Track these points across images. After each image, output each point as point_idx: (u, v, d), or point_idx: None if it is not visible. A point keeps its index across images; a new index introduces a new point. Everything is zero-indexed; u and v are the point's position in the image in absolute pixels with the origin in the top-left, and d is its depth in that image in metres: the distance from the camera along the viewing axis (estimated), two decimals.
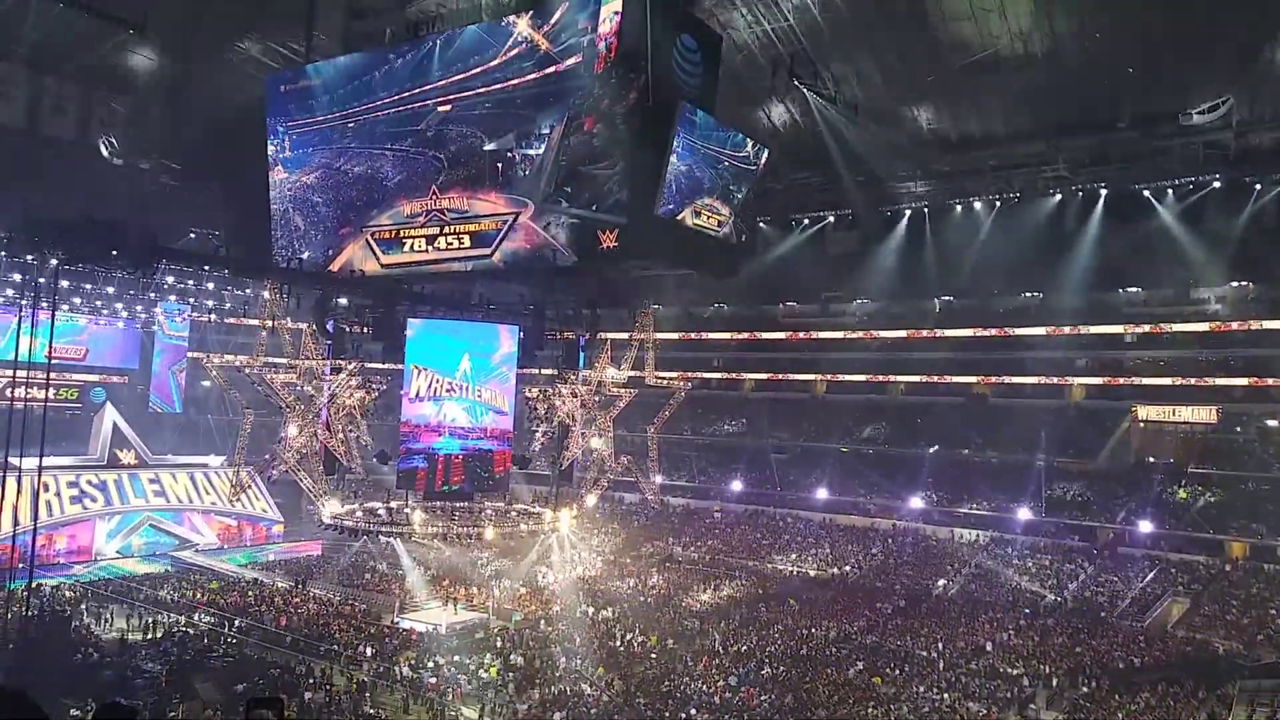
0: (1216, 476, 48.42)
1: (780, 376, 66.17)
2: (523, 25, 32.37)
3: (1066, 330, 54.91)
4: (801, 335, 65.63)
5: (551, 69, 31.76)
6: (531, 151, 32.64)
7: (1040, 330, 56.15)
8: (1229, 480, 48.00)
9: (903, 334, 60.92)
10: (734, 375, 68.18)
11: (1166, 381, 51.97)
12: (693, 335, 68.46)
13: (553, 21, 31.63)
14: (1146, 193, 49.89)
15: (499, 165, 33.54)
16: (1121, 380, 53.78)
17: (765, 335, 67.13)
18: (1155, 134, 45.16)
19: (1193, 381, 51.04)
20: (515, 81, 32.66)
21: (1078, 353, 55.72)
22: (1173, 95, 42.32)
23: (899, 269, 60.73)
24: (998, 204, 54.68)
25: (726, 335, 68.72)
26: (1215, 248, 49.38)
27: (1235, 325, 49.52)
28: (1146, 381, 53.08)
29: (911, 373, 61.12)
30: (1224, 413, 50.36)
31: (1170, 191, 49.36)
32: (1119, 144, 46.73)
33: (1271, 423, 48.95)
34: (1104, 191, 51.00)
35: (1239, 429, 50.04)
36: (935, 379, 60.18)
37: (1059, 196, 52.55)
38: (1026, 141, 48.35)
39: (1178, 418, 52.13)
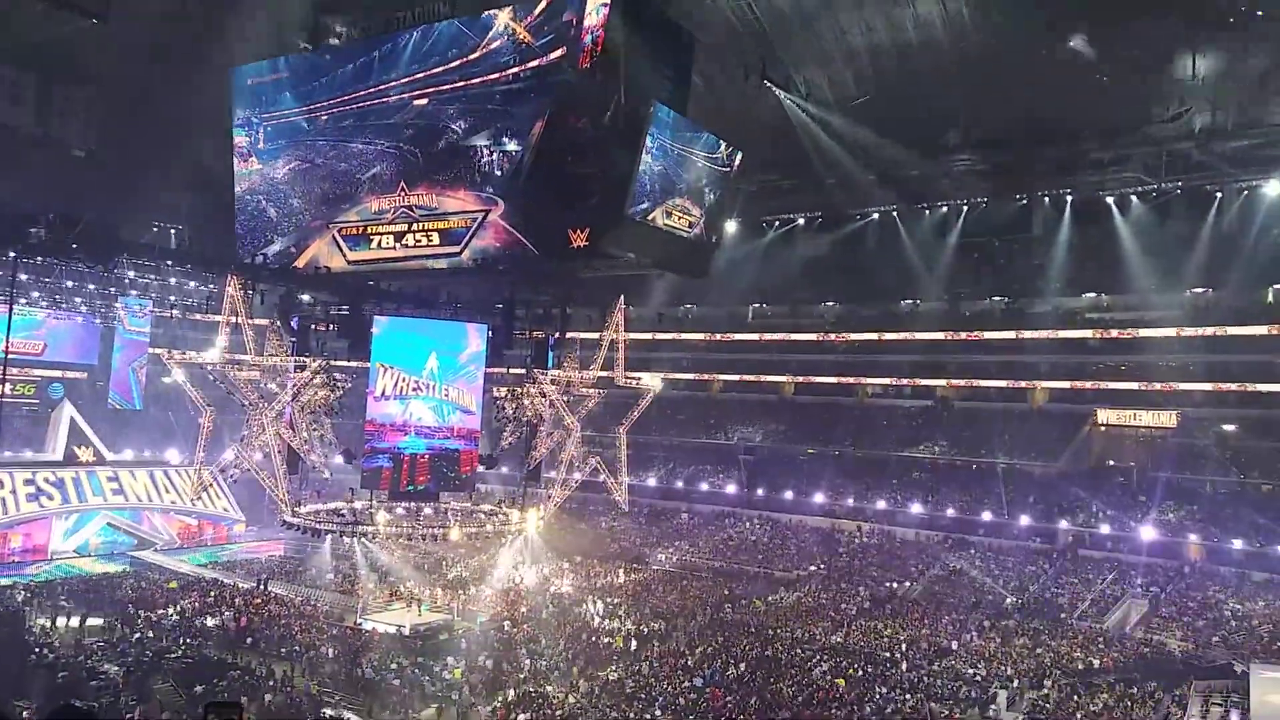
0: (1175, 480, 49.21)
1: (749, 378, 66.34)
2: (504, 17, 31.82)
3: (1041, 334, 55.51)
4: (770, 336, 65.82)
5: (534, 62, 31.18)
6: (510, 147, 32.21)
7: (1010, 334, 56.74)
8: (1187, 484, 48.78)
9: (872, 336, 61.28)
10: (703, 376, 68.26)
11: (1133, 386, 52.61)
12: (662, 336, 68.39)
13: (535, 13, 31.07)
14: (1110, 199, 50.66)
15: (476, 161, 33.14)
16: (1089, 385, 54.35)
17: (734, 336, 67.26)
18: (1119, 142, 45.86)
19: (1158, 386, 51.77)
20: (495, 75, 32.14)
21: (1041, 357, 56.38)
22: (1137, 103, 43.04)
23: (868, 272, 61.24)
24: (965, 209, 55.30)
25: (696, 336, 68.74)
26: (1177, 254, 50.23)
27: (1203, 331, 50.27)
28: (1110, 386, 53.81)
29: (879, 375, 61.55)
30: (1184, 417, 51.16)
31: (1133, 199, 50.14)
32: (1084, 151, 47.40)
33: (1229, 428, 49.81)
34: (1069, 198, 51.70)
35: (1198, 434, 50.84)
36: (903, 382, 60.63)
37: (1025, 202, 53.24)
38: (994, 148, 48.87)
39: (1138, 422, 52.91)
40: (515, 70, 31.74)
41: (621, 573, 48.05)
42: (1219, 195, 48.02)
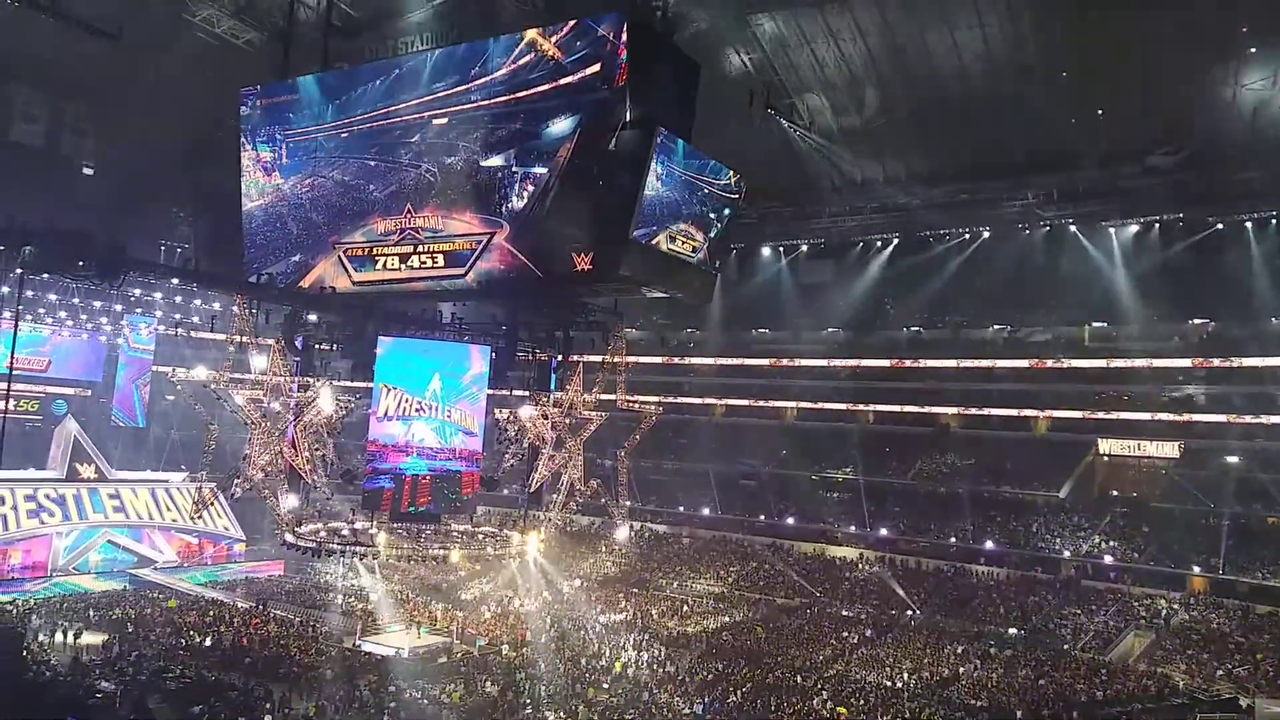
0: (1178, 512, 48.96)
1: (751, 402, 66.29)
2: (531, 33, 31.55)
3: (1043, 363, 55.45)
4: (773, 362, 65.81)
5: (566, 79, 30.75)
6: (533, 169, 31.81)
7: (1016, 362, 56.69)
8: (1191, 515, 48.52)
9: (877, 363, 61.21)
10: (705, 400, 68.21)
11: (1137, 416, 52.46)
12: (665, 360, 68.34)
13: (566, 30, 30.81)
14: (1111, 230, 50.90)
15: (495, 182, 32.89)
16: (1098, 414, 54.09)
17: (737, 361, 67.26)
18: (1119, 173, 46.08)
19: (1164, 417, 51.63)
20: (523, 94, 31.83)
21: (1044, 385, 56.29)
22: (1137, 136, 43.32)
23: (871, 299, 61.46)
24: (966, 237, 55.57)
25: (699, 361, 68.76)
26: (1177, 285, 50.32)
27: (1217, 361, 50.14)
28: (1112, 416, 53.69)
29: (882, 401, 61.52)
30: (1187, 449, 50.99)
31: (1134, 229, 50.42)
32: (1085, 182, 47.63)
33: (1232, 460, 49.58)
34: (1071, 227, 51.93)
35: (1201, 465, 50.58)
36: (905, 408, 60.56)
37: (1027, 231, 53.48)
38: (995, 177, 49.09)
39: (1141, 452, 52.78)
40: (544, 88, 31.26)
41: (621, 597, 47.82)
42: (1219, 226, 48.30)
